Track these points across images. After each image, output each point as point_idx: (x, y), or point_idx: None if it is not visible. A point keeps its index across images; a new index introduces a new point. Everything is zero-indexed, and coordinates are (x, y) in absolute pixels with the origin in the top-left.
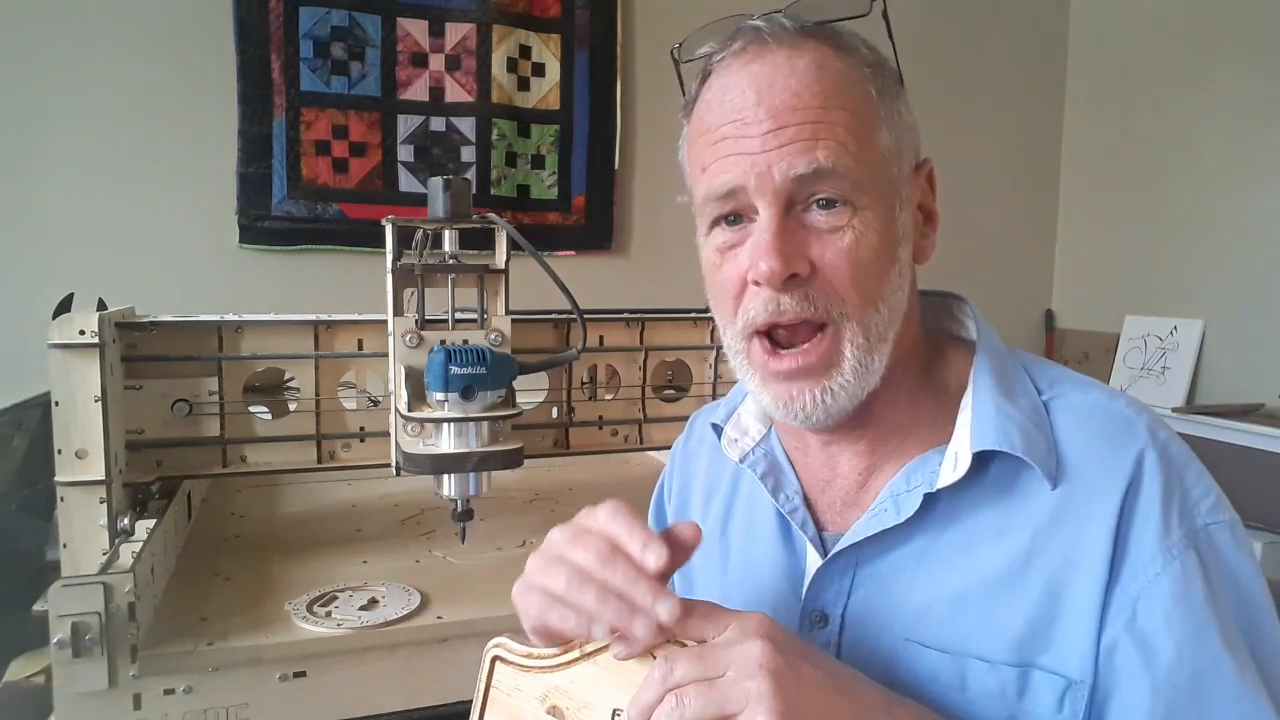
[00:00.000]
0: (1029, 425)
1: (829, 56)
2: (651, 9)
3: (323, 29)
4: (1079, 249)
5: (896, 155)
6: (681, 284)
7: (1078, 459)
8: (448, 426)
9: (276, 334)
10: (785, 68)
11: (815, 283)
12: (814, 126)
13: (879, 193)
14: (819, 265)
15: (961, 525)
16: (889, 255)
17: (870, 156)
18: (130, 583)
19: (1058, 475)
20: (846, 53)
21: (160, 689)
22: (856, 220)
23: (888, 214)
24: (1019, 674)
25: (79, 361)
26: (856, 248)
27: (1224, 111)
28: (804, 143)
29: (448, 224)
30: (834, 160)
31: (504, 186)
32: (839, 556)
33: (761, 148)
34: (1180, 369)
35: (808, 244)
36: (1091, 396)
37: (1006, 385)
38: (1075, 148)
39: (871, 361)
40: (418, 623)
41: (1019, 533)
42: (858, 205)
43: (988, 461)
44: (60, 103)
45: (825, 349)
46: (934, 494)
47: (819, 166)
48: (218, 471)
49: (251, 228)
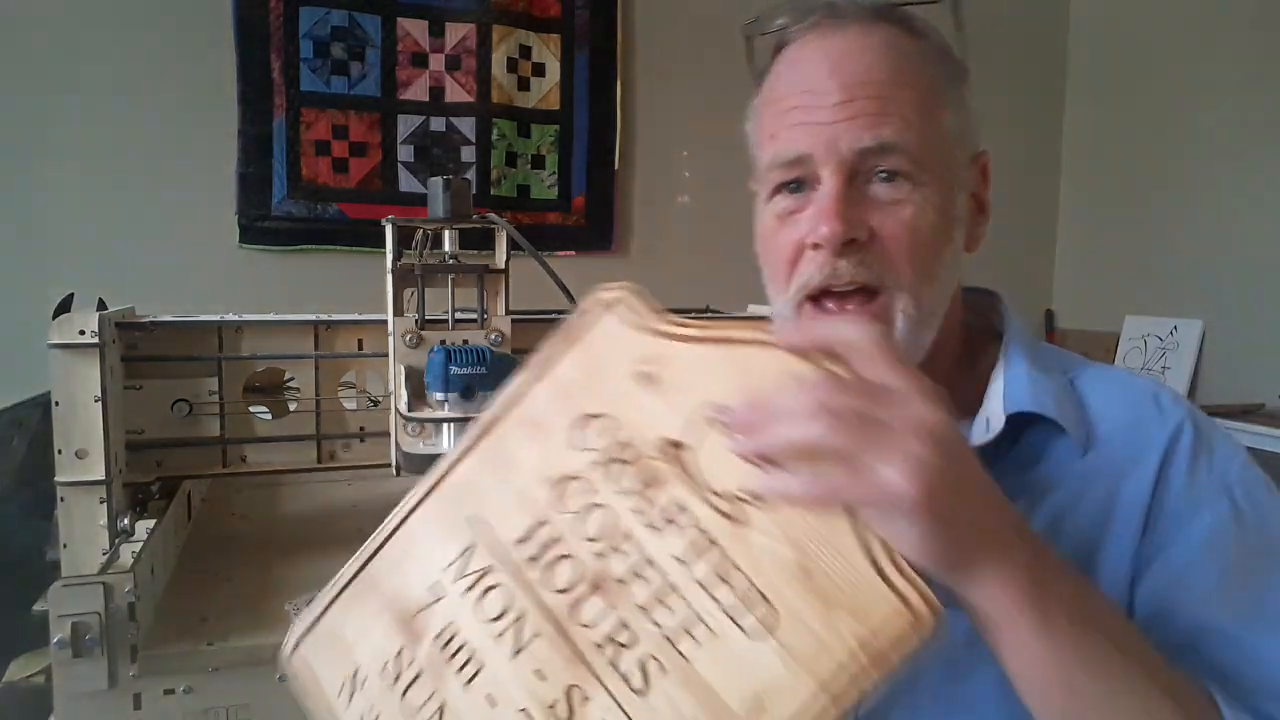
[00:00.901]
0: (1060, 393)
1: (900, 37)
2: (651, 9)
3: (323, 29)
4: (1079, 249)
5: (958, 139)
6: (681, 284)
7: (1108, 426)
8: (448, 426)
9: (276, 334)
10: (858, 43)
11: (873, 249)
12: (882, 101)
13: (939, 172)
14: (878, 233)
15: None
16: (945, 233)
17: (933, 136)
18: (130, 583)
19: (1088, 443)
20: (917, 36)
21: (160, 689)
22: (917, 195)
23: (946, 194)
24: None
25: (79, 361)
26: (915, 220)
27: (1224, 111)
28: (872, 117)
29: (448, 224)
30: (899, 136)
31: (504, 186)
32: None
33: (830, 118)
34: (1180, 369)
35: (868, 213)
36: (1114, 374)
37: (1038, 360)
38: (1075, 148)
39: (920, 335)
40: None
41: (1051, 497)
42: (918, 181)
43: (1020, 430)
44: (60, 103)
45: (876, 314)
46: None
47: (884, 141)
48: (218, 471)
49: (251, 228)
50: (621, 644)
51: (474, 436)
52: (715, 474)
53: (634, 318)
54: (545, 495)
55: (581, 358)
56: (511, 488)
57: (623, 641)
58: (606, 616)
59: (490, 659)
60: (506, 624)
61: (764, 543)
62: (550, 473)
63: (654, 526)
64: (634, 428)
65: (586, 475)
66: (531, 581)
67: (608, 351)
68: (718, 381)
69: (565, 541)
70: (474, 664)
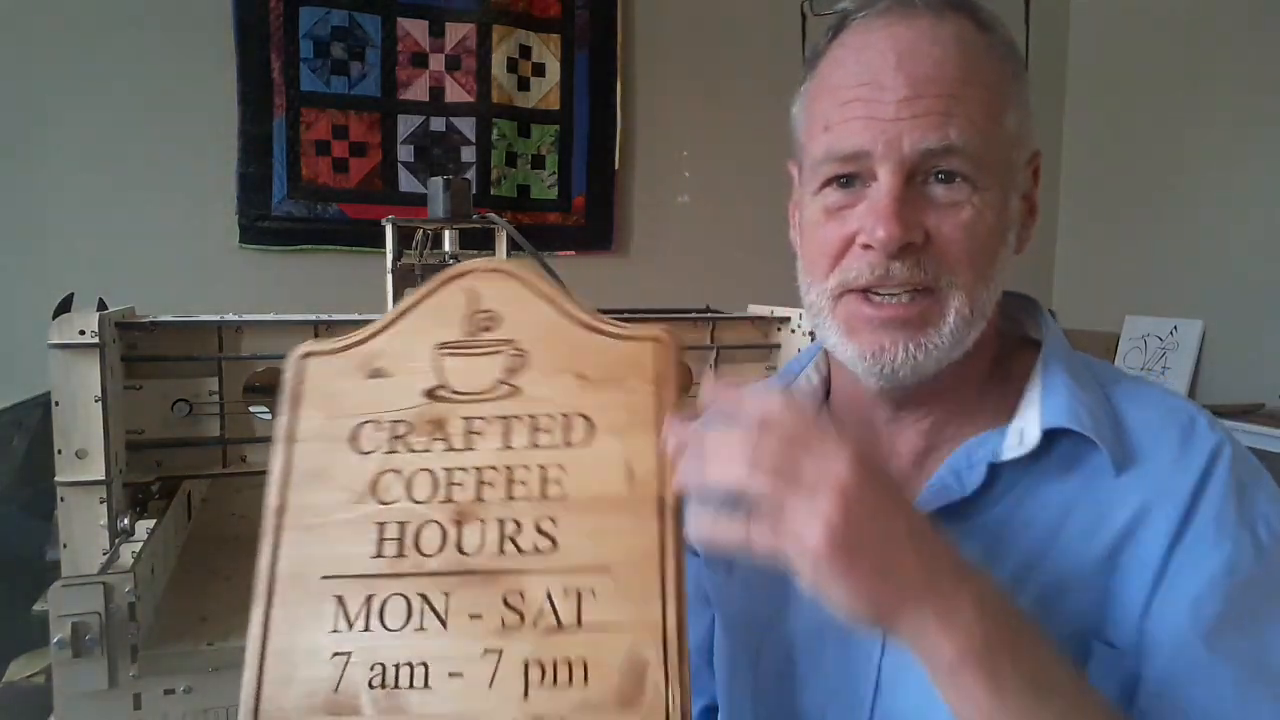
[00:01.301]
0: (1097, 409)
1: (970, 30)
2: (651, 9)
3: (323, 29)
4: (1079, 249)
5: (1018, 140)
6: (681, 284)
7: (1144, 445)
8: None
9: (276, 334)
10: (929, 34)
11: (929, 251)
12: (950, 100)
13: (998, 175)
14: (934, 236)
15: (1023, 502)
16: (1000, 236)
17: (996, 138)
18: (130, 583)
19: (1124, 461)
20: (987, 29)
21: (160, 689)
22: (976, 198)
23: (1002, 197)
24: (1077, 648)
25: (79, 361)
26: (974, 223)
27: (1224, 112)
28: (939, 116)
29: (448, 224)
30: (965, 138)
31: (504, 186)
32: None
33: (894, 115)
34: (1180, 369)
35: (925, 214)
36: (1148, 390)
37: (1076, 373)
38: (1075, 148)
39: (968, 333)
40: None
41: (1082, 513)
42: (977, 184)
43: (1053, 441)
44: (60, 103)
45: (928, 306)
46: (998, 470)
47: (950, 143)
48: (218, 471)
49: (251, 228)
50: (512, 536)
51: (273, 531)
52: (471, 382)
53: (326, 348)
54: (368, 507)
55: (314, 403)
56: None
57: (510, 533)
58: (487, 528)
59: (428, 650)
60: (418, 614)
61: (541, 390)
62: (358, 488)
63: (467, 447)
64: (393, 406)
65: (387, 465)
66: (410, 569)
67: (330, 385)
68: (422, 335)
69: (412, 518)
70: (419, 668)
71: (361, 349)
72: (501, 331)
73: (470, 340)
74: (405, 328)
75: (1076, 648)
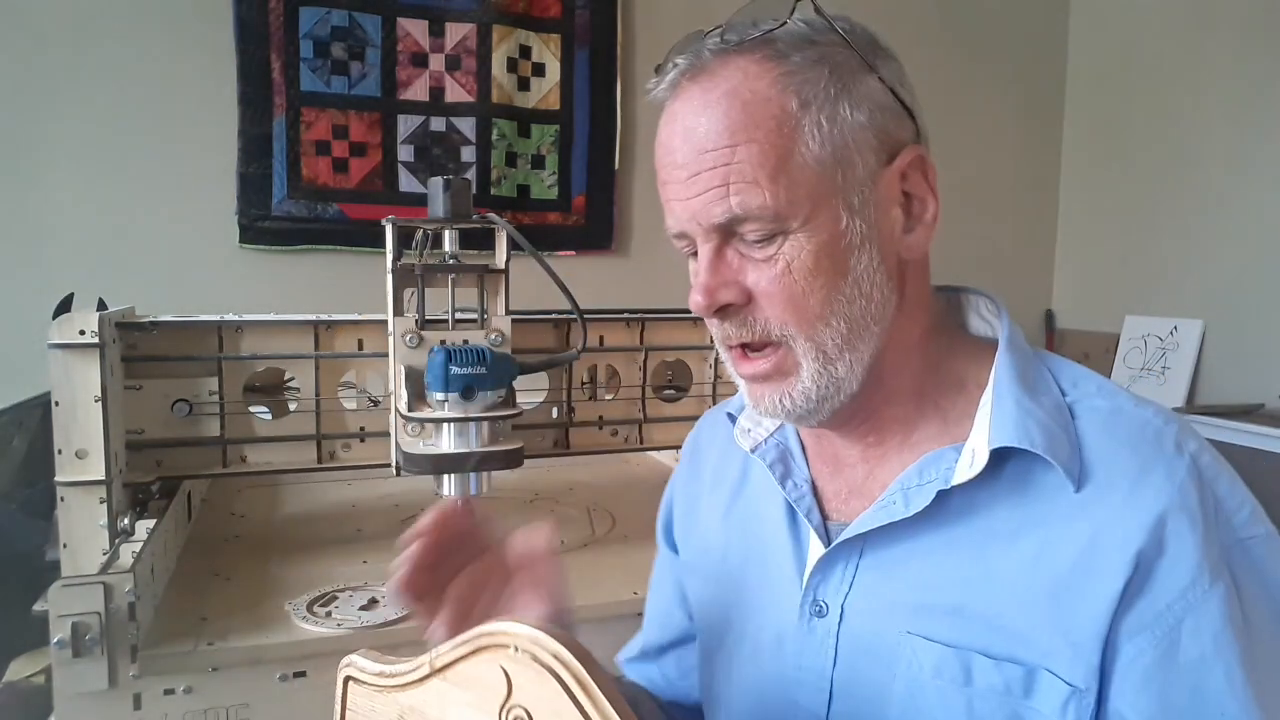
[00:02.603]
0: (1051, 424)
1: (747, 78)
2: (651, 9)
3: (323, 29)
4: (1079, 249)
5: (836, 163)
6: (681, 284)
7: (1102, 464)
8: (448, 426)
9: (276, 334)
10: (699, 102)
11: (753, 309)
12: (724, 170)
13: (810, 210)
14: (755, 293)
15: (974, 523)
16: (833, 270)
17: (791, 180)
18: (130, 583)
19: (1081, 478)
20: (774, 62)
21: (160, 689)
22: (787, 246)
23: (827, 227)
24: (1025, 673)
25: (79, 361)
26: (789, 274)
27: (1224, 111)
28: (716, 190)
29: (448, 224)
30: (744, 205)
31: (504, 186)
32: (842, 546)
33: (686, 194)
34: (1180, 369)
35: (744, 272)
36: (1118, 401)
37: (1029, 382)
38: (1075, 148)
39: (836, 370)
40: (418, 622)
41: (1034, 533)
42: (786, 230)
43: (1005, 459)
44: (60, 103)
45: (779, 359)
46: (948, 490)
47: (733, 215)
48: (218, 471)
49: (251, 228)
50: None
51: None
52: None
53: (369, 678)
54: None
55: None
56: None
57: None
58: None
59: None
60: None
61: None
62: None
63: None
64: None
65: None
66: None
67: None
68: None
69: None
70: None
71: (400, 696)
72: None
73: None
74: (443, 690)
75: (1023, 676)
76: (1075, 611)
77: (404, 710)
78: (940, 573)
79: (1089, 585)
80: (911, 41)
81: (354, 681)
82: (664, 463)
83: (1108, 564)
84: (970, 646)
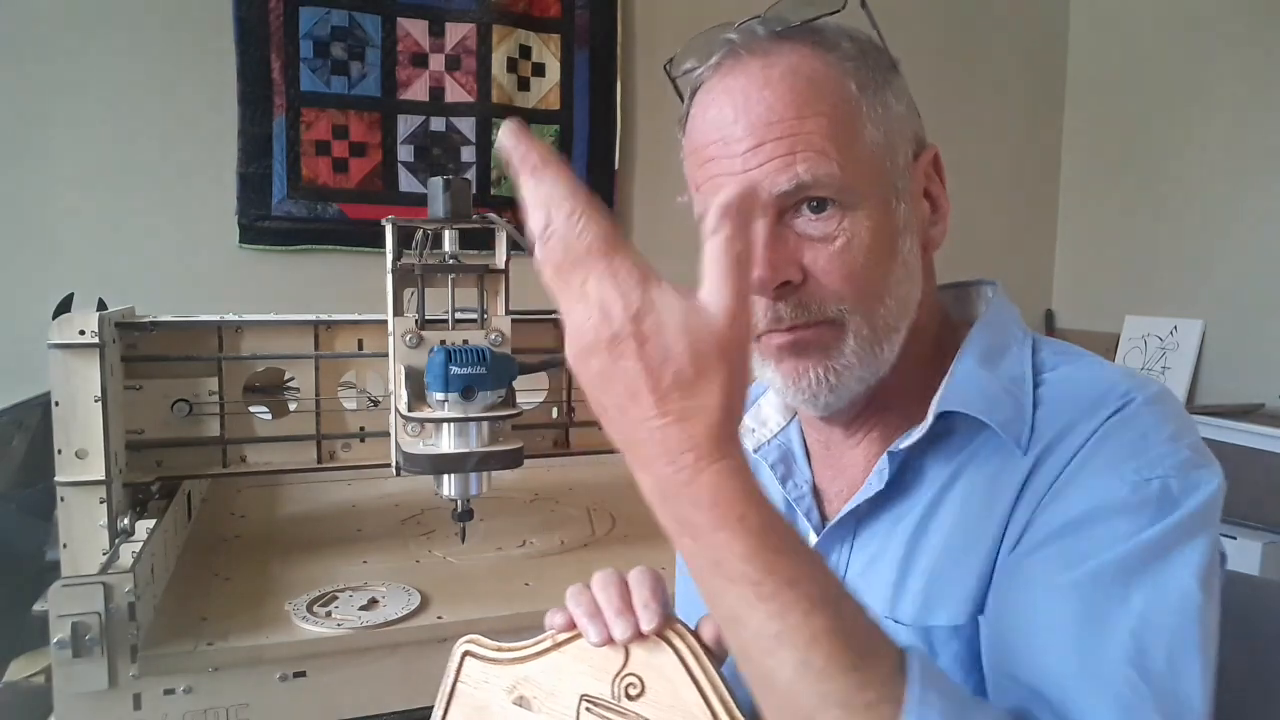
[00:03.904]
0: (998, 390)
1: (805, 59)
2: (651, 9)
3: (323, 29)
4: (1079, 249)
5: (888, 148)
6: (681, 284)
7: (1049, 423)
8: (448, 426)
9: (276, 334)
10: (759, 79)
11: (809, 288)
12: (791, 140)
13: (869, 189)
14: (812, 271)
15: (932, 491)
16: (887, 250)
17: (855, 155)
18: (130, 583)
19: (1030, 441)
20: (825, 49)
21: (160, 689)
22: (848, 221)
23: (882, 208)
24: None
25: (79, 361)
26: (849, 250)
27: (1224, 111)
28: (782, 158)
29: (448, 224)
30: (813, 172)
31: (504, 186)
32: (834, 534)
33: (744, 167)
34: (1180, 369)
35: (800, 251)
36: (1092, 368)
37: (990, 356)
38: (1075, 148)
39: (880, 351)
40: (418, 623)
41: (982, 495)
42: (847, 206)
43: (956, 426)
44: (60, 103)
45: (827, 332)
46: (904, 461)
47: (800, 181)
48: (218, 471)
49: (251, 228)
50: None
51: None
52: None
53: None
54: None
55: (462, 710)
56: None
57: None
58: None
59: None
60: None
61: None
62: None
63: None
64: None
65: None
66: None
67: (479, 696)
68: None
69: None
70: None
71: (515, 669)
72: (643, 704)
73: (613, 704)
74: (560, 662)
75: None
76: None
77: (518, 680)
78: (908, 546)
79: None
80: (912, 42)
81: (471, 656)
82: None
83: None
84: (929, 622)
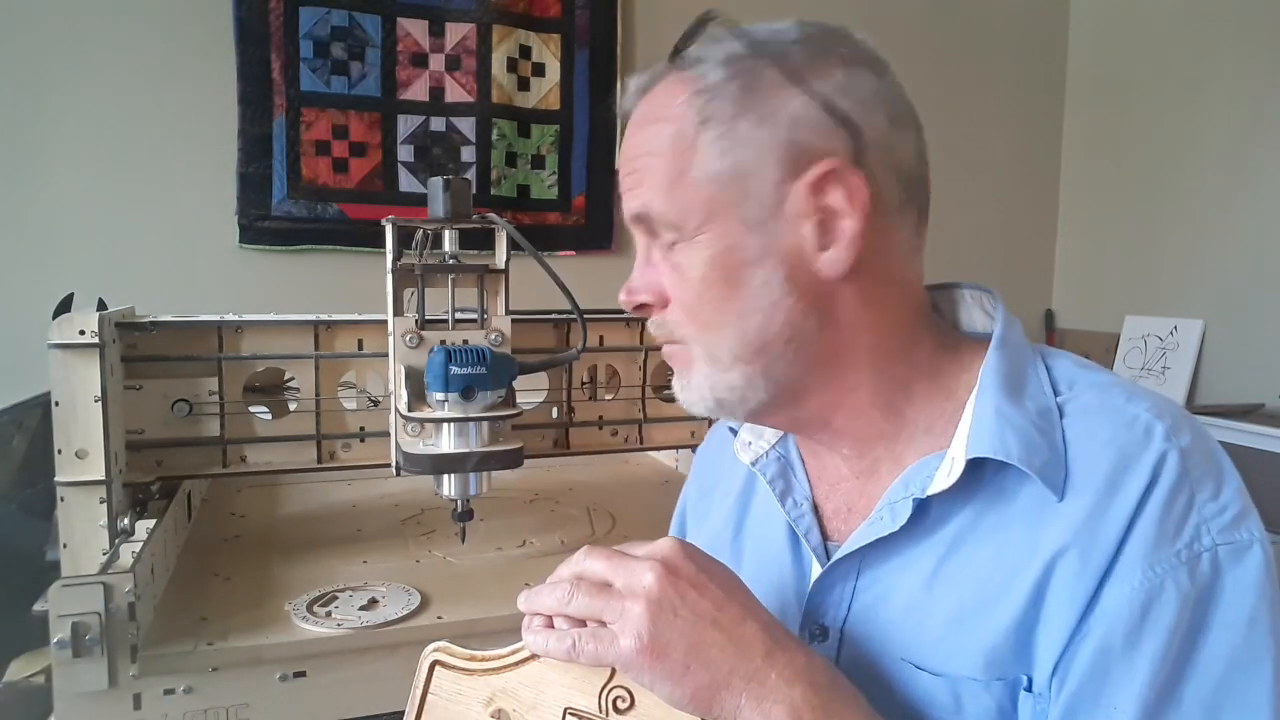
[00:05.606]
0: (1032, 431)
1: (667, 96)
2: (651, 9)
3: (323, 29)
4: (1079, 249)
5: (736, 177)
6: None
7: (1084, 467)
8: (448, 426)
9: (276, 334)
10: (636, 119)
11: (663, 310)
12: (637, 175)
13: (704, 220)
14: (665, 294)
15: (954, 535)
16: (724, 281)
17: (687, 190)
18: (130, 583)
19: (1065, 485)
20: (695, 80)
21: (160, 689)
22: (687, 252)
23: (722, 239)
24: (1008, 687)
25: (79, 361)
26: (685, 280)
27: (1224, 111)
28: (631, 191)
29: (448, 224)
30: (646, 204)
31: (504, 186)
32: (838, 566)
33: (621, 190)
34: (1180, 369)
35: (662, 277)
36: (1109, 398)
37: (1014, 386)
38: (1075, 148)
39: (730, 378)
40: (418, 623)
41: (1015, 544)
42: (686, 238)
43: (984, 469)
44: (60, 102)
45: (682, 353)
46: (926, 501)
47: (635, 211)
48: (218, 471)
49: (251, 228)
50: None
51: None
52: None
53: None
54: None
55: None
56: None
57: None
58: None
59: None
60: None
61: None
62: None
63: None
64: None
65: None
66: None
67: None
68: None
69: None
70: None
71: (493, 679)
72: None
73: (600, 718)
74: (541, 673)
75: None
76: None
77: (495, 692)
78: (929, 591)
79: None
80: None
81: (441, 666)
82: (664, 463)
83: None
84: (958, 673)
